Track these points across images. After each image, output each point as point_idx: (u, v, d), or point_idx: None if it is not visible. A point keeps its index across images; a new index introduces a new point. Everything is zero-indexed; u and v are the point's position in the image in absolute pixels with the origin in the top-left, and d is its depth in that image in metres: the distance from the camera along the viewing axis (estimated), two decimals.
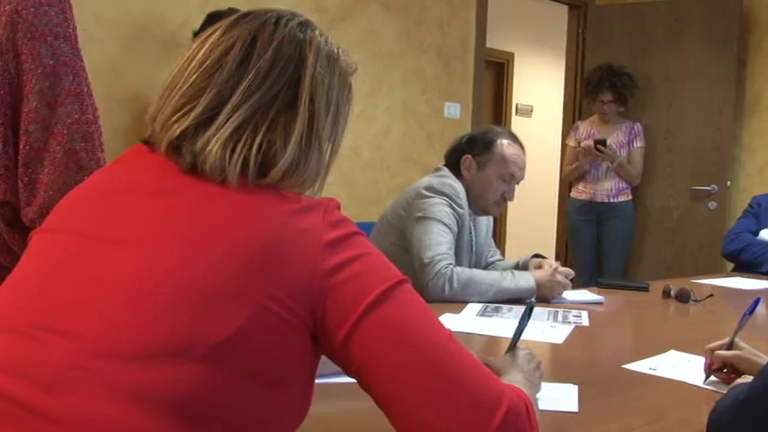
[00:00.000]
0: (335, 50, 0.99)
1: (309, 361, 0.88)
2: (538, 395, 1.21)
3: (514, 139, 2.56)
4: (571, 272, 2.39)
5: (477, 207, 2.54)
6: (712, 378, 1.46)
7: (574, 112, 5.32)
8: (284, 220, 0.86)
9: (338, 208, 0.91)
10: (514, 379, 1.09)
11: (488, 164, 2.49)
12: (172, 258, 0.83)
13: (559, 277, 2.33)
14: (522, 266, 2.58)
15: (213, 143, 0.88)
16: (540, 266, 2.46)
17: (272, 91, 0.91)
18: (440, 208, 2.37)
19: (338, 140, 0.99)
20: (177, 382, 0.78)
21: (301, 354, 0.86)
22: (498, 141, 2.51)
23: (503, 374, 1.13)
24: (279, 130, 0.91)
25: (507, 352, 1.21)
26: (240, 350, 0.81)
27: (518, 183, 2.56)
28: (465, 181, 2.51)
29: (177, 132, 0.90)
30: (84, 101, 1.30)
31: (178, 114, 0.91)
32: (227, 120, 0.89)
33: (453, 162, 2.54)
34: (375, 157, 4.40)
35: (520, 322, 1.26)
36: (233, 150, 0.88)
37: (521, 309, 2.17)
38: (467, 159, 2.50)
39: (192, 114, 0.90)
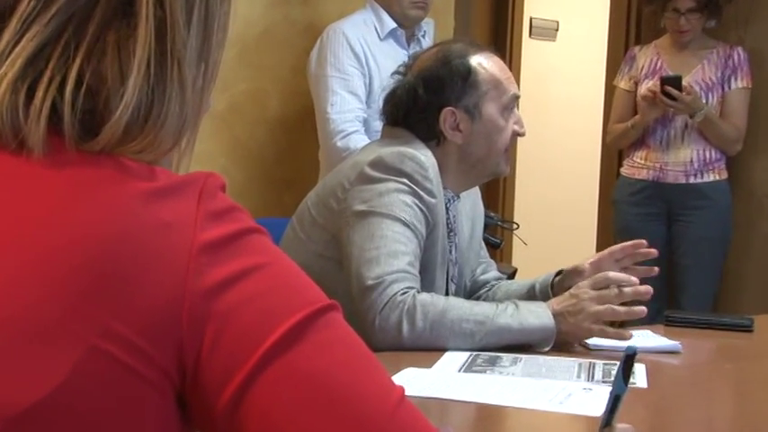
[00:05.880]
0: None
1: None
2: None
3: (480, 47, 2.71)
4: (633, 280, 2.38)
5: (480, 173, 2.68)
6: None
7: (627, 33, 5.39)
8: (131, 208, 0.89)
9: (222, 189, 0.95)
10: None
11: (484, 101, 2.59)
12: None
13: (592, 307, 2.34)
14: (540, 292, 2.64)
15: None
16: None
17: None
18: (395, 197, 2.42)
19: (213, 65, 1.01)
20: None
21: (160, 427, 0.90)
22: (474, 62, 2.61)
23: None
24: (109, 54, 0.92)
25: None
26: (56, 424, 0.84)
27: None
28: (448, 148, 2.59)
29: None
30: None
31: None
32: (16, 43, 0.90)
33: (413, 122, 2.61)
34: (289, 108, 4.45)
35: (615, 385, 1.31)
36: (31, 94, 0.89)
37: (532, 359, 2.22)
38: (448, 114, 2.57)
39: None
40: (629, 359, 1.31)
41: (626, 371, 1.32)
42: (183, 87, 0.96)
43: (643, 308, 2.38)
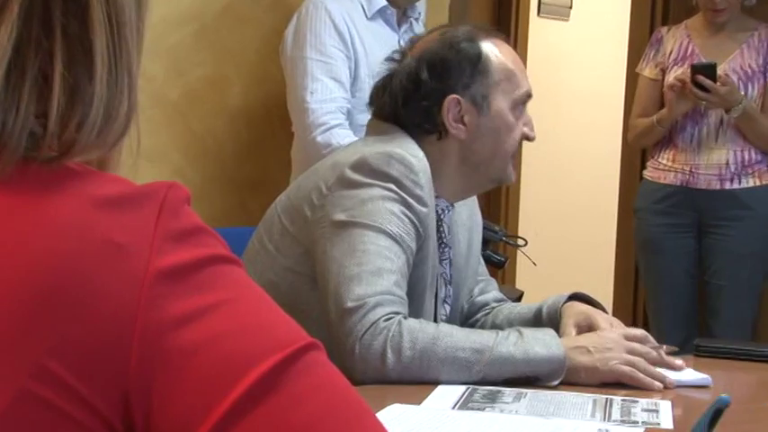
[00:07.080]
0: None
1: None
2: None
3: (488, 31, 2.73)
4: (670, 381, 2.38)
5: (482, 179, 2.70)
6: None
7: (653, 11, 5.44)
8: (75, 222, 0.89)
9: (187, 202, 0.94)
10: None
11: (494, 93, 2.62)
12: None
13: (623, 350, 2.36)
14: (547, 317, 2.67)
15: None
16: (588, 324, 2.55)
17: None
18: (381, 205, 2.43)
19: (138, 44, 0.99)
20: None
21: None
22: (486, 47, 2.64)
23: None
24: (77, 50, 0.92)
25: None
26: None
27: None
28: (449, 145, 2.61)
29: None
30: None
31: None
32: None
33: (413, 114, 2.62)
34: (254, 97, 4.47)
35: (695, 430, 1.32)
36: (16, 109, 0.88)
37: (538, 394, 2.23)
38: (453, 103, 2.59)
39: None
40: (718, 413, 1.32)
41: (713, 421, 1.33)
42: (132, 78, 0.96)
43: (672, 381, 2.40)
